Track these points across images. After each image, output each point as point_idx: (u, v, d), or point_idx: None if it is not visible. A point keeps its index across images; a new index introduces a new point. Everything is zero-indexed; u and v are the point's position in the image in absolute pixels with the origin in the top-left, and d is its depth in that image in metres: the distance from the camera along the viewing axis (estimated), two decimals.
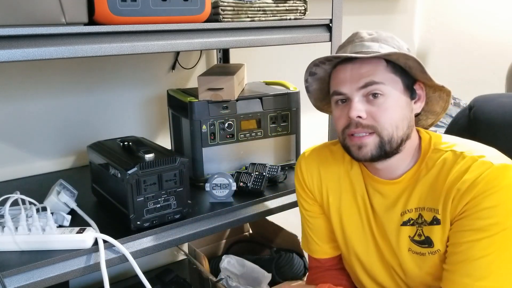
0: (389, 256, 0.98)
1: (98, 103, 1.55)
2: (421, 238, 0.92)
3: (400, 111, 0.90)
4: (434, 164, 0.92)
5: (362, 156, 0.92)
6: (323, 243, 1.11)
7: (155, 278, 1.50)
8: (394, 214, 0.96)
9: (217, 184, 1.21)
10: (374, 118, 0.89)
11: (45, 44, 0.89)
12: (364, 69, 0.90)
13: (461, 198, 0.85)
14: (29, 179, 1.42)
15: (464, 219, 0.85)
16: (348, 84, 0.91)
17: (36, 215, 0.98)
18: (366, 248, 1.02)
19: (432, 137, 0.95)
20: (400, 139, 0.91)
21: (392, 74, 0.90)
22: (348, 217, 1.03)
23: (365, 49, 0.92)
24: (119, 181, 1.04)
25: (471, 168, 0.86)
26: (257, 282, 1.43)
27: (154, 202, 1.06)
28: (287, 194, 1.30)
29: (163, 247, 1.06)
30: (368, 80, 0.89)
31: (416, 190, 0.93)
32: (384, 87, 0.89)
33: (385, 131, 0.89)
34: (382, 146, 0.90)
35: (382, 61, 0.90)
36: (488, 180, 0.83)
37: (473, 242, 0.84)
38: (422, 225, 0.92)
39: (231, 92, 1.30)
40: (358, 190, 1.01)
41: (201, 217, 1.14)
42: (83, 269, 0.96)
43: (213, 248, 1.70)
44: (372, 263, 1.02)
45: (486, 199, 0.83)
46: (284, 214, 1.30)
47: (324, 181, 1.05)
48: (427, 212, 0.91)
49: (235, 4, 1.15)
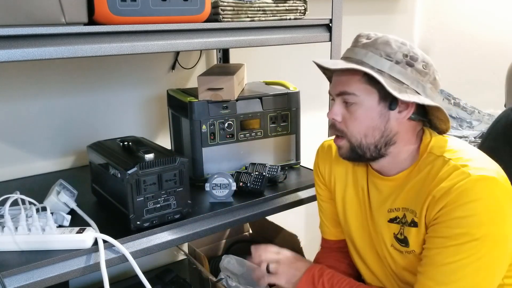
0: (379, 247, 1.04)
1: (98, 103, 1.55)
2: (401, 237, 0.97)
3: (370, 121, 0.94)
4: (424, 168, 0.94)
5: (341, 156, 1.01)
6: (332, 226, 1.19)
7: (155, 278, 1.50)
8: (383, 209, 1.01)
9: (217, 184, 1.21)
10: (345, 125, 0.97)
11: (45, 44, 0.89)
12: (343, 78, 0.96)
13: (435, 205, 0.88)
14: (29, 179, 1.42)
15: (436, 225, 0.88)
16: (333, 88, 0.99)
17: (36, 215, 0.98)
18: (362, 237, 1.08)
19: (432, 141, 0.96)
20: (372, 146, 0.95)
21: (367, 85, 0.93)
22: (350, 207, 1.09)
23: (353, 55, 0.96)
24: (119, 181, 1.04)
25: (450, 176, 0.88)
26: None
27: (154, 202, 1.06)
28: (287, 194, 1.30)
29: (163, 247, 1.06)
30: (341, 89, 0.95)
31: (405, 190, 0.97)
32: (355, 98, 0.94)
33: (353, 138, 0.96)
34: (354, 150, 0.97)
35: (358, 71, 0.92)
36: (462, 190, 0.85)
37: (441, 249, 0.87)
38: (404, 225, 0.96)
39: (231, 92, 1.30)
40: (360, 183, 1.07)
41: (201, 217, 1.14)
42: (83, 269, 0.96)
43: (213, 248, 1.70)
44: (366, 252, 1.08)
45: (458, 209, 0.85)
46: (284, 214, 1.30)
47: (333, 173, 1.13)
48: (409, 213, 0.95)
49: (235, 4, 1.15)
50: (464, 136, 1.79)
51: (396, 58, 0.92)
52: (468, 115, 1.90)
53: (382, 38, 0.94)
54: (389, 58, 0.92)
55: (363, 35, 0.97)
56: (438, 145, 0.95)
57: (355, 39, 0.99)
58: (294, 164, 1.47)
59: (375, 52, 0.93)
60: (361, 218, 1.07)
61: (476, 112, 1.91)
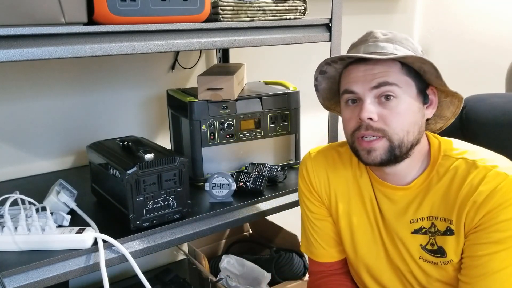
0: (399, 262, 0.97)
1: (97, 103, 1.55)
2: (433, 248, 0.91)
3: (412, 116, 0.88)
4: (445, 172, 0.90)
5: (371, 160, 0.89)
6: (330, 247, 1.07)
7: (155, 278, 1.50)
8: (404, 221, 0.94)
9: (217, 184, 1.21)
10: (385, 122, 0.87)
11: (45, 44, 0.88)
12: (378, 70, 0.87)
13: (477, 211, 0.84)
14: (28, 179, 1.42)
15: (480, 231, 0.84)
16: (361, 84, 0.88)
17: (35, 215, 0.98)
18: (375, 254, 1.00)
19: (441, 143, 0.93)
20: (410, 144, 0.88)
21: (407, 77, 0.88)
22: (358, 222, 1.00)
23: (379, 49, 0.89)
24: (119, 181, 1.04)
25: (486, 179, 0.84)
26: (257, 282, 1.42)
27: (153, 202, 1.06)
28: (287, 194, 1.30)
29: (163, 247, 1.06)
30: (381, 80, 0.86)
31: (428, 198, 0.91)
32: (398, 90, 0.86)
33: (396, 136, 0.87)
34: (392, 150, 0.87)
35: (396, 62, 0.87)
36: (505, 192, 0.82)
37: (491, 255, 0.83)
38: (435, 235, 0.90)
39: (231, 92, 1.30)
40: (366, 195, 0.99)
41: (200, 217, 1.14)
42: (83, 269, 0.96)
43: (213, 248, 1.70)
44: (380, 269, 1.00)
45: (503, 212, 0.82)
46: (284, 214, 1.30)
47: (333, 186, 1.03)
48: (440, 221, 0.90)
49: (235, 4, 1.15)
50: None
51: (418, 53, 0.91)
52: None
53: (400, 34, 0.93)
54: (414, 53, 0.91)
55: (376, 31, 0.94)
56: (450, 147, 0.92)
57: (370, 36, 0.94)
58: (294, 164, 1.47)
59: (402, 45, 0.90)
60: (372, 232, 0.99)
61: None
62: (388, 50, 0.89)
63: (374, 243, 0.99)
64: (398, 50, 0.89)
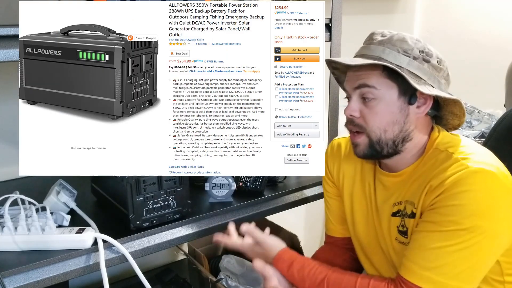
0: (383, 243, 1.04)
1: None
2: (403, 229, 0.98)
3: (391, 116, 0.94)
4: (428, 162, 0.95)
5: (356, 153, 1.00)
6: (337, 224, 1.19)
7: (155, 278, 1.50)
8: (388, 204, 1.01)
9: (217, 184, 1.21)
10: (364, 120, 0.96)
11: None
12: (361, 72, 0.95)
13: (431, 193, 0.90)
14: (28, 179, 1.42)
15: (429, 211, 0.90)
16: (349, 84, 0.99)
17: (35, 215, 0.98)
18: (367, 234, 1.08)
19: (439, 137, 0.97)
20: (390, 141, 0.96)
21: (387, 79, 0.93)
22: (357, 204, 1.10)
23: (369, 52, 0.96)
24: (119, 181, 1.04)
25: (450, 168, 0.89)
26: (257, 282, 1.42)
27: (153, 202, 1.06)
28: (287, 194, 1.30)
29: (163, 247, 1.06)
30: (361, 82, 0.95)
31: (409, 184, 0.97)
32: (376, 91, 0.94)
33: (373, 133, 0.96)
34: (372, 146, 0.97)
35: (378, 66, 0.93)
36: (457, 180, 0.86)
37: (428, 233, 0.89)
38: (404, 217, 0.97)
39: None
40: (367, 180, 1.08)
41: (200, 217, 1.14)
42: (83, 269, 0.96)
43: (213, 248, 1.70)
44: (371, 248, 1.09)
45: (451, 197, 0.86)
46: (284, 214, 1.30)
47: (342, 169, 1.14)
48: (409, 205, 0.97)
49: None
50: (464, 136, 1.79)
51: (413, 54, 0.94)
52: (468, 114, 1.89)
53: (397, 35, 0.96)
54: (407, 54, 0.93)
55: (377, 32, 0.98)
56: (444, 141, 0.96)
57: (369, 37, 1.00)
58: None
59: (393, 48, 0.94)
60: (367, 215, 1.08)
61: (476, 111, 1.91)
62: (376, 54, 0.95)
63: (367, 224, 1.08)
64: (385, 53, 0.94)
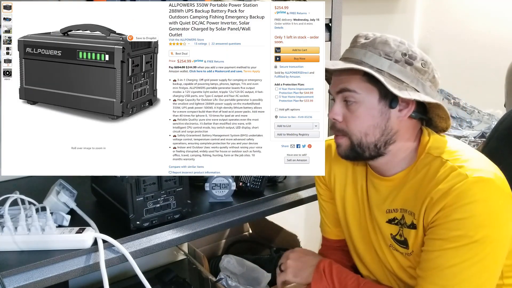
0: (378, 248, 1.04)
1: None
2: (401, 239, 0.98)
3: (371, 120, 0.94)
4: (422, 169, 0.94)
5: (339, 154, 1.01)
6: (333, 226, 1.19)
7: (155, 278, 1.50)
8: (382, 209, 1.01)
9: (217, 184, 1.21)
10: (346, 123, 0.97)
11: None
12: (342, 76, 0.96)
13: (432, 207, 0.89)
14: (28, 179, 1.42)
15: (435, 227, 0.89)
16: (333, 87, 0.99)
17: (35, 215, 0.98)
18: (361, 237, 1.09)
19: (430, 141, 0.96)
20: (372, 144, 0.96)
21: (368, 84, 0.93)
22: (349, 206, 1.10)
23: (352, 55, 0.97)
24: (119, 181, 1.04)
25: (447, 178, 0.89)
26: (257, 282, 1.42)
27: (153, 202, 1.06)
28: (287, 194, 1.30)
29: (163, 247, 1.06)
30: (342, 87, 0.96)
31: (403, 191, 0.97)
32: (356, 95, 0.94)
33: (354, 137, 0.96)
34: (353, 148, 0.97)
35: (359, 71, 0.93)
36: (460, 192, 0.86)
37: (440, 252, 0.88)
38: (403, 227, 0.96)
39: None
40: (359, 182, 1.08)
41: (200, 217, 1.14)
42: (83, 269, 0.96)
43: (213, 248, 1.70)
44: (364, 251, 1.09)
45: (456, 211, 0.86)
46: (284, 214, 1.30)
47: (334, 170, 1.13)
48: (408, 215, 0.95)
49: None
50: (464, 136, 1.79)
51: (395, 57, 0.93)
52: (468, 114, 1.89)
53: (380, 38, 0.95)
54: (388, 57, 0.93)
55: (361, 35, 0.98)
56: (436, 146, 0.95)
57: (353, 40, 1.00)
58: None
59: (374, 51, 0.94)
60: (360, 217, 1.08)
61: (476, 111, 1.91)
62: (357, 57, 0.95)
63: (360, 227, 1.08)
64: (367, 56, 0.94)
